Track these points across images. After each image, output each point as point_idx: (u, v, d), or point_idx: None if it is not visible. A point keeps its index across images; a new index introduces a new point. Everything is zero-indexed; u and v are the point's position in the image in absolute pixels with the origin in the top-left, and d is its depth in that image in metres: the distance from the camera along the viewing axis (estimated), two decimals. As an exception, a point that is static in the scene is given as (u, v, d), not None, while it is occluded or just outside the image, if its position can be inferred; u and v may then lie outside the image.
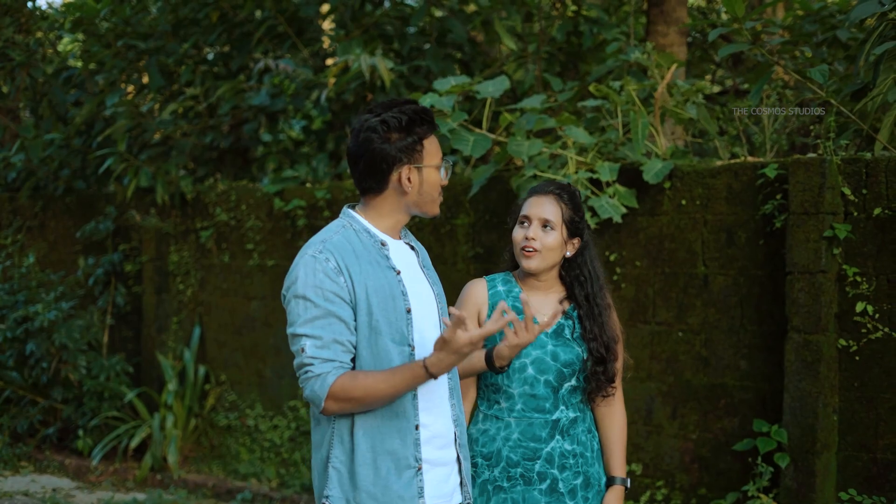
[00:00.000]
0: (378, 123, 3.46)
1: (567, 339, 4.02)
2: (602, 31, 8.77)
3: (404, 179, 3.49)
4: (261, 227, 8.70)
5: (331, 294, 3.34)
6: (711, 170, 6.18)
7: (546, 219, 4.01)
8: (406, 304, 3.46)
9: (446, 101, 6.59)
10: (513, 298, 4.07)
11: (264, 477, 8.39)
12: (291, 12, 9.72)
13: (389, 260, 3.49)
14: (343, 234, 3.48)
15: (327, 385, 3.28)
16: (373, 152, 3.46)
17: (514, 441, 3.98)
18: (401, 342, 3.43)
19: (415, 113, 3.51)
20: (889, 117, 5.86)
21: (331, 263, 3.36)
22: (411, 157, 3.49)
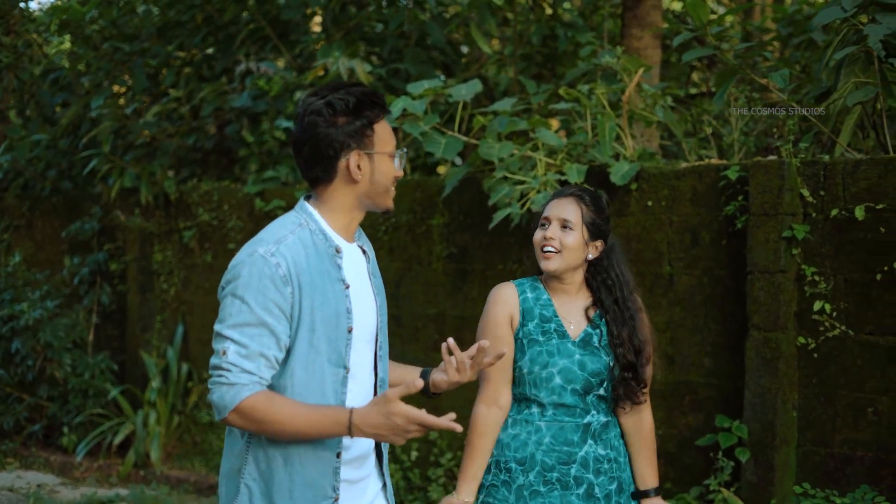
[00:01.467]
0: (323, 106, 3.21)
1: (595, 348, 3.93)
2: (576, 34, 8.91)
3: (353, 166, 3.22)
4: (242, 227, 8.83)
5: (272, 304, 3.10)
6: (676, 172, 6.32)
7: (565, 219, 3.91)
8: (349, 323, 3.23)
9: (419, 104, 6.73)
10: (540, 306, 3.97)
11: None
12: (274, 15, 9.85)
13: (341, 271, 3.25)
14: (298, 234, 3.21)
15: (239, 398, 3.06)
16: (317, 137, 3.20)
17: (546, 445, 3.90)
18: (337, 363, 3.21)
19: (364, 95, 3.25)
20: (849, 121, 6.00)
21: (280, 270, 3.11)
22: (360, 142, 3.22)
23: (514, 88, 8.86)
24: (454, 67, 9.81)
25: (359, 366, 3.29)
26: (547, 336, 3.92)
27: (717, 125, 7.38)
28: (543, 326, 3.93)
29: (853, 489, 5.52)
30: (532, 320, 3.94)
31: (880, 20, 5.86)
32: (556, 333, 3.92)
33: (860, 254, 5.55)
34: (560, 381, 3.88)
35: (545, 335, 3.92)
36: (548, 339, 3.91)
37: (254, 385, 3.08)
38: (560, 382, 3.88)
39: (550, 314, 3.95)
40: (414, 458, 7.61)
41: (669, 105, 7.15)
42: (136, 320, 9.62)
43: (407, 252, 7.66)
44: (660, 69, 8.83)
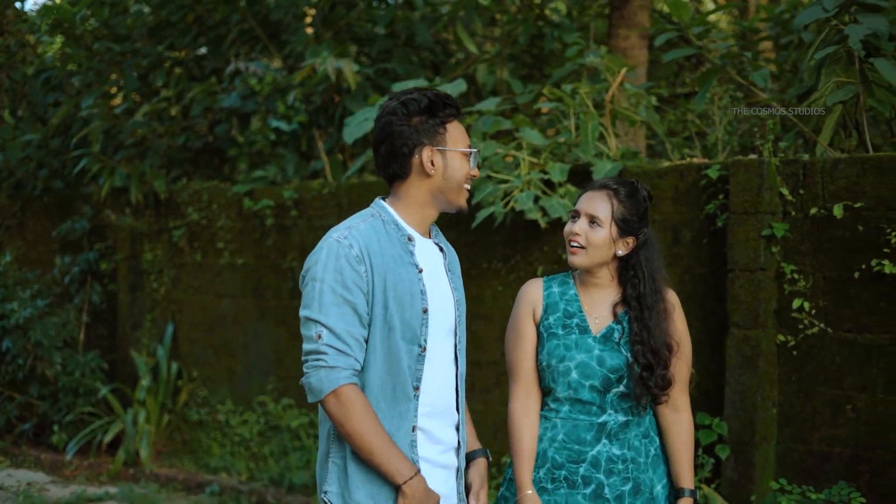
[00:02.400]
0: (398, 106, 3.42)
1: (615, 344, 3.86)
2: (563, 34, 8.95)
3: (426, 162, 3.41)
4: (231, 226, 8.88)
5: (350, 282, 3.29)
6: (658, 170, 6.36)
7: (593, 215, 3.83)
8: (423, 304, 3.39)
9: (403, 103, 6.76)
10: (566, 301, 3.93)
11: (234, 470, 8.57)
12: (264, 15, 9.89)
13: (413, 256, 3.41)
14: (371, 223, 3.41)
15: (338, 382, 3.25)
16: (393, 135, 3.41)
17: (559, 442, 3.86)
18: (412, 341, 3.38)
19: (436, 96, 3.45)
20: (830, 120, 6.04)
21: (354, 250, 3.30)
22: (433, 138, 3.42)
23: (501, 88, 8.90)
24: (443, 67, 9.85)
25: (437, 352, 3.46)
26: (567, 330, 3.88)
27: (701, 124, 7.42)
28: (565, 321, 3.89)
29: (831, 485, 5.56)
30: (554, 314, 3.91)
31: (861, 20, 5.91)
32: (578, 328, 3.88)
33: (839, 252, 5.59)
34: (577, 375, 3.83)
35: (565, 329, 3.88)
36: (567, 332, 3.87)
37: (350, 372, 3.29)
38: (577, 377, 3.83)
39: (575, 309, 3.91)
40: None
41: (654, 104, 7.18)
42: (127, 319, 9.66)
43: (393, 251, 7.69)
44: (647, 69, 8.87)
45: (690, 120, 7.32)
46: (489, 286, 7.06)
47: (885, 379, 5.43)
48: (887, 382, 5.44)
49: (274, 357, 8.58)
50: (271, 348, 8.59)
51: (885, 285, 5.42)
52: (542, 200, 6.38)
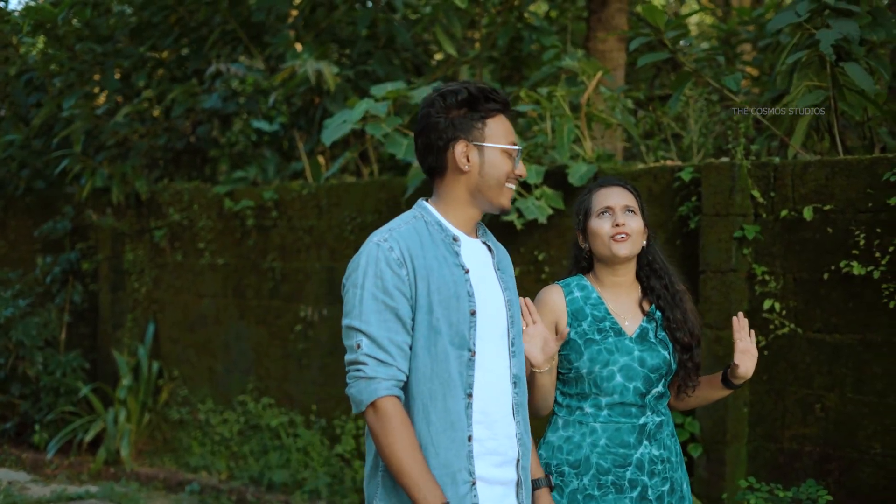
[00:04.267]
0: (437, 97, 3.30)
1: (652, 343, 3.84)
2: (541, 37, 9.02)
3: (460, 156, 3.28)
4: (212, 226, 8.92)
5: (391, 287, 3.16)
6: (632, 173, 6.43)
7: (628, 205, 3.84)
8: (471, 306, 3.24)
9: (382, 106, 6.83)
10: (591, 305, 3.86)
11: (214, 469, 8.61)
12: (246, 17, 9.93)
13: (459, 257, 3.28)
14: (413, 224, 3.29)
15: (377, 395, 3.12)
16: (429, 127, 3.29)
17: (602, 447, 3.76)
18: (461, 346, 3.22)
19: (479, 90, 3.31)
20: (802, 123, 6.12)
21: (394, 253, 3.17)
22: (469, 132, 3.29)
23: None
24: (423, 69, 9.91)
25: (488, 355, 3.30)
26: (603, 334, 3.80)
27: (677, 127, 7.50)
28: (598, 325, 3.82)
29: (801, 483, 5.64)
30: (585, 319, 3.83)
31: (832, 25, 5.98)
32: (612, 331, 3.82)
33: (808, 253, 5.67)
34: (621, 378, 3.77)
35: (601, 333, 3.80)
36: (604, 337, 3.80)
37: (392, 383, 3.15)
38: (621, 381, 3.77)
39: (602, 313, 3.85)
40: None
41: (631, 107, 7.26)
42: (108, 319, 9.70)
43: (372, 251, 7.74)
44: (625, 71, 8.95)
45: (666, 123, 7.40)
46: (467, 287, 7.11)
47: (854, 378, 5.52)
48: (856, 382, 5.52)
49: (254, 356, 8.63)
50: (251, 348, 8.64)
51: (854, 286, 5.50)
52: (518, 202, 6.45)
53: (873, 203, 5.41)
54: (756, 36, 9.59)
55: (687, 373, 3.88)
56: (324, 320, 8.12)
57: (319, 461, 7.98)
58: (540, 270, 6.73)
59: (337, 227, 8.01)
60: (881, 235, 5.38)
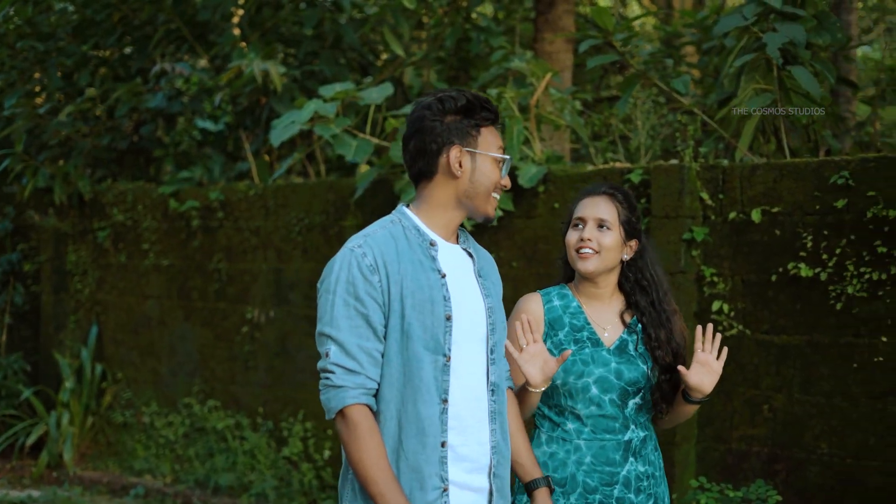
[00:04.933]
0: (434, 102, 3.30)
1: (631, 356, 3.74)
2: (490, 38, 9.02)
3: (454, 161, 3.27)
4: (156, 227, 8.83)
5: (363, 293, 3.14)
6: (582, 174, 6.44)
7: (602, 218, 3.73)
8: (447, 311, 3.21)
9: (330, 106, 6.79)
10: (570, 314, 3.78)
11: (159, 473, 8.53)
12: (191, 16, 9.85)
13: (436, 261, 3.25)
14: (389, 229, 3.26)
15: (344, 403, 3.12)
16: (423, 130, 3.29)
17: (588, 465, 3.68)
18: (435, 350, 3.20)
19: (475, 98, 3.32)
20: (749, 126, 6.16)
21: (367, 259, 3.14)
22: (464, 139, 3.29)
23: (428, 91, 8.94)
24: (370, 70, 9.88)
25: (464, 362, 3.27)
26: (580, 345, 3.72)
27: (624, 129, 7.53)
28: (575, 335, 3.74)
29: (749, 483, 5.68)
30: (562, 329, 3.76)
31: (779, 29, 6.03)
32: (590, 341, 3.74)
33: (756, 255, 5.72)
34: (596, 390, 3.68)
35: (578, 343, 3.73)
36: (581, 347, 3.72)
37: (360, 392, 3.14)
38: (597, 392, 3.68)
39: (581, 322, 3.77)
40: (327, 456, 7.67)
41: (579, 109, 7.27)
42: (50, 321, 9.57)
43: (320, 253, 7.71)
44: (573, 73, 8.97)
45: (614, 124, 7.42)
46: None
47: (801, 379, 5.56)
48: (803, 383, 5.57)
49: (199, 358, 8.55)
50: (197, 350, 8.56)
51: (801, 288, 5.55)
52: (468, 203, 6.43)
53: (820, 206, 5.46)
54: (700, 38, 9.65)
55: (662, 394, 3.77)
56: (270, 322, 8.06)
57: (266, 464, 7.92)
58: (489, 272, 6.72)
59: (284, 228, 7.96)
60: (828, 238, 5.43)
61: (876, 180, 5.28)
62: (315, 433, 7.77)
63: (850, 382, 5.41)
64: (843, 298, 5.40)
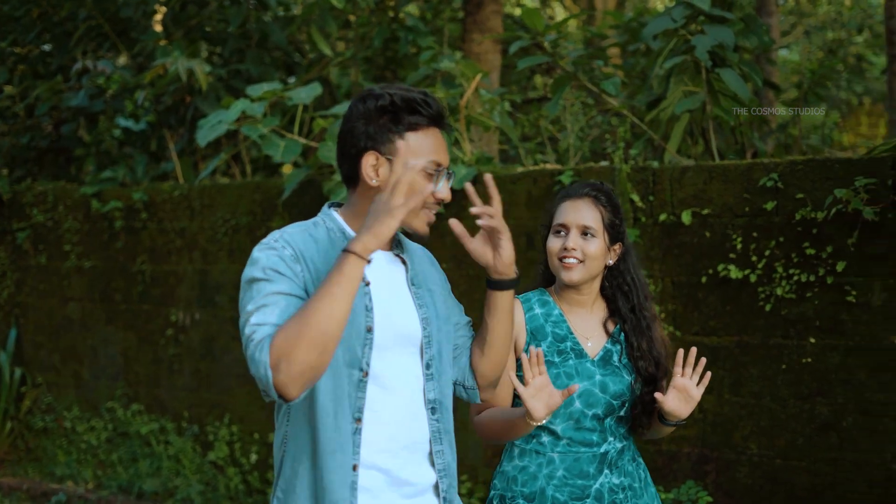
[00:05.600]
0: (359, 101, 2.96)
1: (616, 367, 3.56)
2: (418, 38, 8.99)
3: (366, 168, 2.90)
4: (78, 228, 8.67)
5: (286, 275, 2.80)
6: (512, 176, 6.43)
7: (586, 225, 3.53)
8: (368, 322, 2.89)
9: (258, 106, 6.71)
10: (552, 323, 3.59)
11: (81, 478, 8.37)
12: (113, 12, 9.70)
13: None
14: (311, 230, 2.96)
15: (266, 346, 2.69)
16: (344, 131, 2.96)
17: (559, 479, 3.50)
18: (351, 364, 2.88)
19: (404, 100, 2.93)
20: (678, 128, 6.20)
21: (288, 251, 2.83)
22: (381, 145, 2.91)
23: (356, 91, 8.89)
24: (296, 69, 9.80)
25: (391, 378, 2.96)
26: (563, 356, 3.54)
27: (553, 130, 7.54)
28: (558, 346, 3.55)
29: (680, 484, 5.71)
30: (544, 339, 3.56)
31: (707, 31, 6.08)
32: (573, 352, 3.55)
33: (686, 257, 5.74)
34: (580, 405, 3.49)
35: (561, 355, 3.54)
36: (564, 359, 3.53)
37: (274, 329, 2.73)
38: (580, 407, 3.50)
39: (564, 332, 3.58)
40: (254, 460, 7.58)
41: (507, 110, 7.26)
42: (-33, 324, 9.37)
43: (247, 254, 7.57)
44: (500, 74, 8.97)
45: (543, 126, 7.43)
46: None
47: (731, 381, 5.60)
48: (732, 384, 5.60)
49: (123, 362, 8.41)
50: (120, 353, 8.42)
51: (731, 289, 5.58)
52: (398, 205, 6.39)
53: (750, 208, 5.50)
54: (626, 41, 9.72)
55: (644, 407, 3.57)
56: (196, 324, 7.95)
57: (192, 468, 7.81)
58: (419, 274, 6.69)
59: (210, 229, 7.86)
60: (757, 240, 5.47)
61: (804, 183, 5.33)
62: (241, 437, 7.68)
63: (779, 383, 5.46)
64: (772, 300, 5.44)
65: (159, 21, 10.13)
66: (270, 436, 7.42)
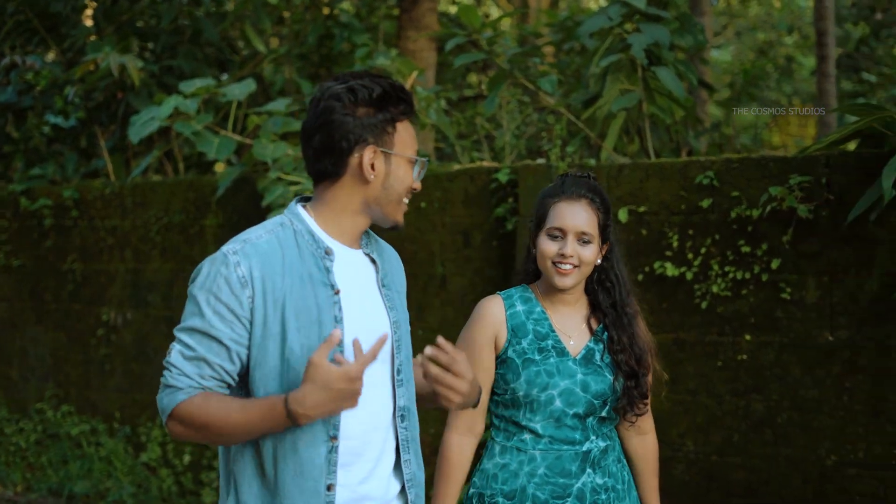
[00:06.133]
0: (344, 91, 2.81)
1: (598, 366, 3.49)
2: (352, 35, 8.95)
3: (366, 164, 2.81)
4: (6, 226, 8.53)
5: (224, 308, 2.72)
6: (449, 174, 6.41)
7: (584, 232, 3.46)
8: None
9: (191, 103, 6.63)
10: (534, 320, 3.51)
11: (9, 481, 8.22)
12: (42, 7, 9.55)
13: (330, 274, 2.81)
14: (277, 234, 2.82)
15: (174, 402, 2.71)
16: (332, 124, 2.80)
17: (540, 477, 3.42)
18: None
19: (391, 87, 2.87)
20: (614, 126, 6.21)
21: (239, 271, 2.72)
22: (379, 138, 2.83)
23: (290, 88, 8.83)
24: (230, 66, 9.71)
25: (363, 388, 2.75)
26: (544, 354, 3.46)
27: (489, 128, 7.53)
28: (540, 344, 3.48)
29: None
30: (525, 337, 3.49)
31: (643, 30, 6.10)
32: (555, 350, 3.48)
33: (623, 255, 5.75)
34: (561, 404, 3.43)
35: (542, 353, 3.46)
36: (545, 357, 3.45)
37: (190, 390, 2.72)
38: (560, 406, 3.43)
39: (546, 330, 3.51)
40: (187, 461, 7.49)
41: (443, 108, 7.24)
42: None
43: (180, 253, 7.53)
44: (436, 71, 8.96)
45: (479, 123, 7.42)
46: (279, 289, 6.98)
47: (668, 378, 5.61)
48: (669, 381, 5.62)
49: (52, 362, 8.28)
50: (49, 353, 8.29)
51: (667, 287, 5.60)
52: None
53: (686, 205, 5.52)
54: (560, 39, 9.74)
55: (631, 400, 3.53)
56: (128, 324, 7.84)
57: (124, 470, 7.71)
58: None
59: (142, 227, 7.75)
60: (693, 237, 5.50)
61: (739, 181, 5.36)
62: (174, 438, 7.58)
63: (715, 380, 5.48)
64: (707, 297, 5.47)
65: (90, 16, 9.98)
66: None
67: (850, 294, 5.07)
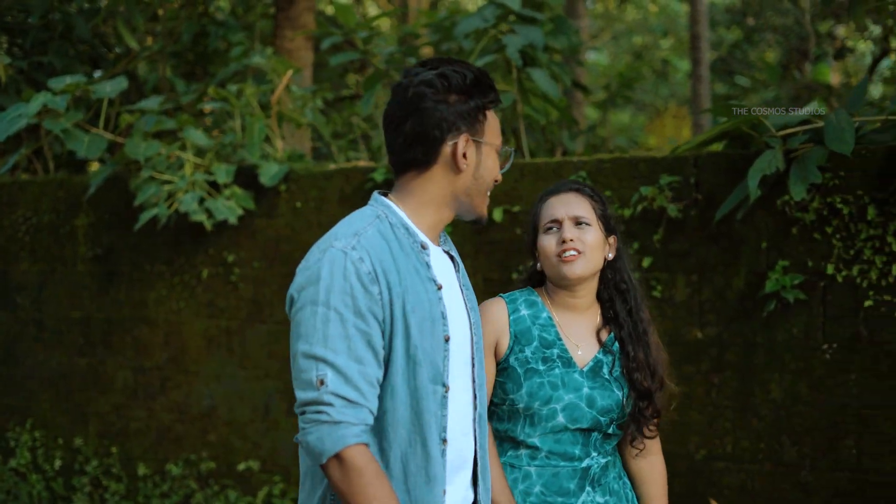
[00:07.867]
0: (436, 77, 2.71)
1: (605, 380, 3.28)
2: (228, 33, 8.86)
3: (459, 152, 2.73)
4: None
5: (364, 308, 2.56)
6: (325, 173, 6.38)
7: (578, 215, 3.29)
8: (445, 331, 2.71)
9: (61, 100, 6.49)
10: (540, 326, 3.31)
11: None
12: None
13: (430, 269, 2.73)
14: (378, 227, 2.68)
15: (344, 442, 2.52)
16: (424, 112, 2.69)
17: (536, 495, 3.24)
18: (435, 380, 2.67)
19: (482, 74, 2.78)
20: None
21: (365, 266, 2.58)
22: (472, 126, 2.74)
23: (164, 86, 8.70)
24: (103, 63, 9.53)
25: (455, 388, 2.75)
26: (549, 364, 3.25)
27: (366, 128, 7.52)
28: (545, 352, 3.27)
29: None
30: (529, 344, 3.29)
31: (518, 31, 6.15)
32: (560, 360, 3.28)
33: (498, 254, 5.79)
34: (563, 419, 3.23)
35: (546, 363, 3.26)
36: (550, 367, 3.25)
37: (361, 429, 2.56)
38: (563, 421, 3.23)
39: (553, 337, 3.31)
40: (58, 466, 7.32)
41: (319, 107, 7.21)
42: None
43: (50, 253, 7.36)
44: (313, 71, 8.91)
45: (355, 123, 7.40)
46: (153, 289, 6.87)
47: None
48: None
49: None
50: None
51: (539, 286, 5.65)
52: (208, 202, 6.27)
53: (559, 205, 5.57)
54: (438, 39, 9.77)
55: (641, 423, 3.34)
56: (-5, 327, 7.64)
57: (-9, 477, 7.51)
58: (229, 272, 6.58)
59: (10, 227, 7.55)
60: (567, 236, 5.55)
61: (611, 180, 5.43)
62: (44, 443, 7.41)
63: (588, 378, 5.54)
64: (581, 296, 5.53)
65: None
66: (75, 440, 7.18)
67: (718, 292, 5.18)
